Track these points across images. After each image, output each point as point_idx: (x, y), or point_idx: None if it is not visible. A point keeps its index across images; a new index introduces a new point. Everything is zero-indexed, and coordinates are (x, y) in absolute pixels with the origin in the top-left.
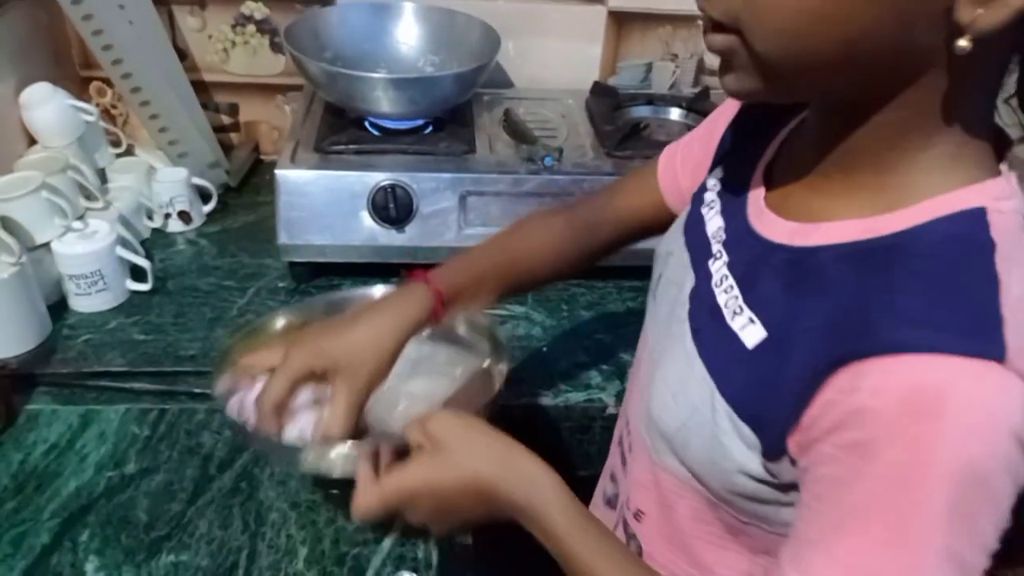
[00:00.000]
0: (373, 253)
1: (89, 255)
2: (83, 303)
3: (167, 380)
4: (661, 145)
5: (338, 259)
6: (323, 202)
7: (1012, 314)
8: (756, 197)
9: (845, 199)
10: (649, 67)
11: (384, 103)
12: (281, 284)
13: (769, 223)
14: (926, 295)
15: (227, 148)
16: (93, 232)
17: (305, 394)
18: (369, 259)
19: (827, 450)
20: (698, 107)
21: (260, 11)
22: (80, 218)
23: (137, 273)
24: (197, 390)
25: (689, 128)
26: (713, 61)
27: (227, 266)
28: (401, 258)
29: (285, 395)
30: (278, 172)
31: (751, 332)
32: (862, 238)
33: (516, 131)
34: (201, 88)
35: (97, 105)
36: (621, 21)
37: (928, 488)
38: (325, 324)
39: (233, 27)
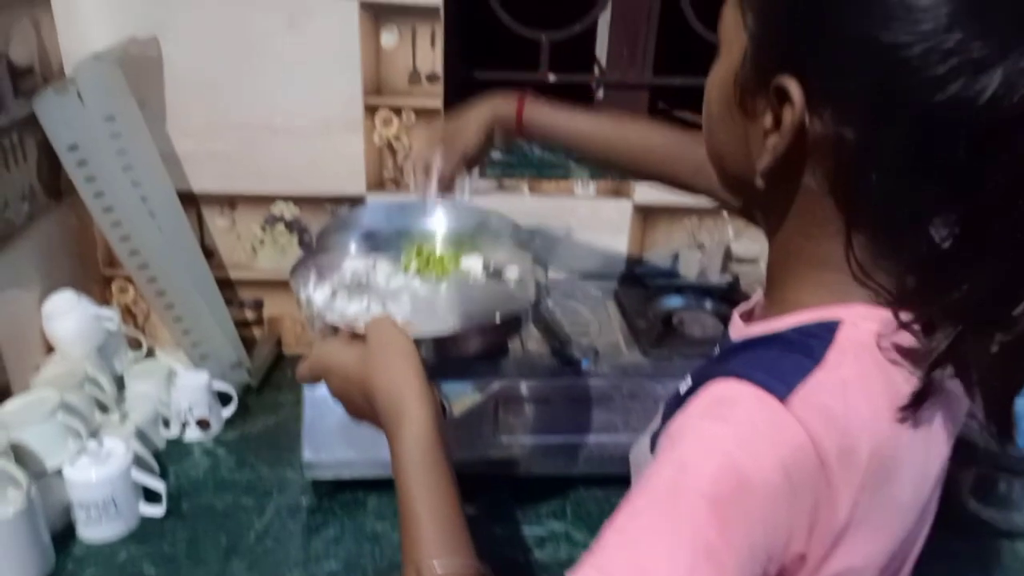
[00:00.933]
0: None
1: (102, 482)
2: (92, 532)
3: None
4: (698, 343)
5: (366, 474)
6: None
7: (818, 383)
8: (739, 309)
9: (769, 307)
10: (676, 256)
11: None
12: (303, 502)
13: (734, 326)
14: (765, 355)
15: (249, 343)
16: (107, 454)
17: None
18: None
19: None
20: (731, 297)
21: (290, 211)
22: (94, 434)
23: (151, 495)
24: None
25: (723, 319)
26: (740, 249)
27: (245, 480)
28: None
29: (424, 155)
30: (307, 396)
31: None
32: (761, 333)
33: (547, 328)
34: (226, 284)
35: (118, 303)
36: (647, 214)
37: (700, 476)
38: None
39: (262, 226)
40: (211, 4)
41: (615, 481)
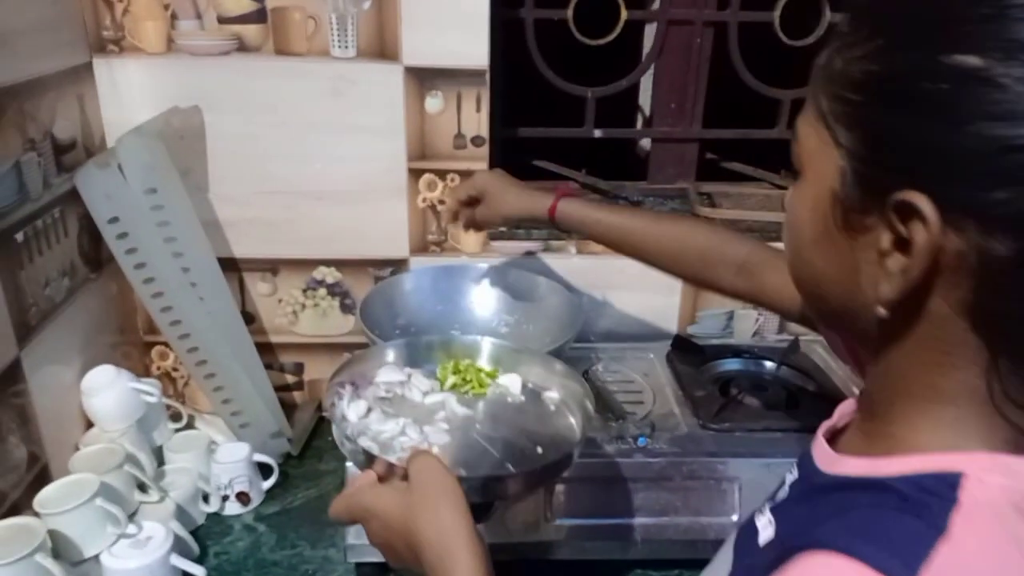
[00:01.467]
0: None
1: (141, 569)
2: None
3: None
4: (760, 415)
5: None
6: None
7: (944, 562)
8: (824, 427)
9: (868, 439)
10: (731, 315)
11: None
12: None
13: (820, 451)
14: (871, 515)
15: (290, 407)
16: (147, 538)
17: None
18: None
19: None
20: (791, 361)
21: (332, 275)
22: (133, 515)
23: None
24: None
25: (783, 385)
26: None
27: (286, 561)
28: None
29: (458, 203)
30: (350, 465)
31: (766, 532)
32: (862, 474)
33: (600, 400)
34: (267, 349)
35: (158, 368)
36: None
37: None
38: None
39: (304, 291)
40: (253, 72)
41: (674, 565)
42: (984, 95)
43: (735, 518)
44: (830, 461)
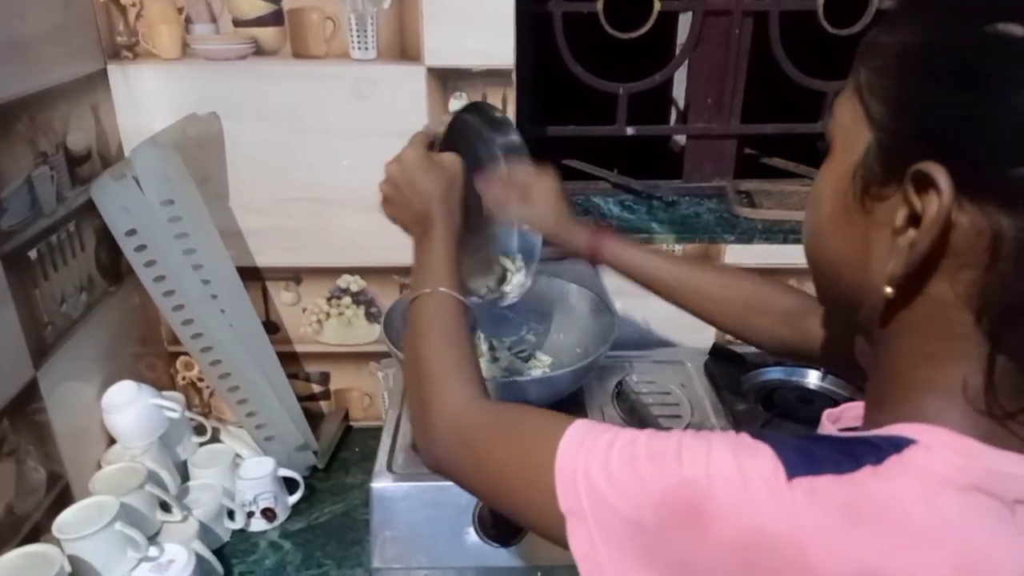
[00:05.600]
0: None
1: None
2: None
3: None
4: (809, 431)
5: None
6: (424, 519)
7: (841, 484)
8: (830, 411)
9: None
10: None
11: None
12: None
13: (823, 428)
14: (812, 444)
15: (316, 417)
16: (169, 562)
17: None
18: None
19: None
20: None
21: (357, 284)
22: (155, 536)
23: None
24: None
25: (830, 396)
26: None
27: None
28: None
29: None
30: (374, 487)
31: None
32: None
33: (634, 414)
34: (292, 359)
35: (184, 379)
36: None
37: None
38: None
39: (328, 299)
40: (271, 76)
41: None
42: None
43: None
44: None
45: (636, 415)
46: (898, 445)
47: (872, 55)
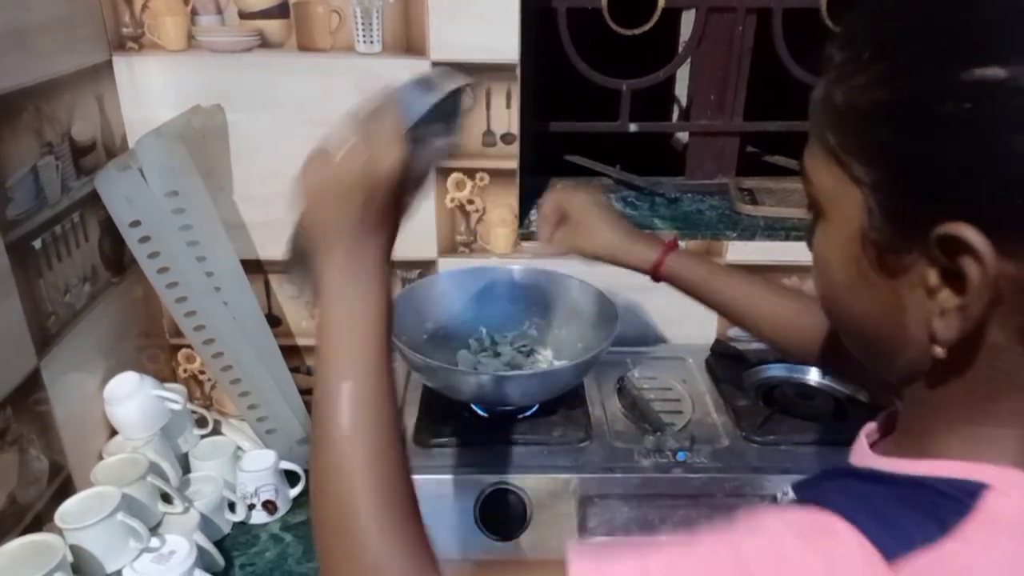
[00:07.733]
0: None
1: None
2: None
3: None
4: (808, 426)
5: None
6: (425, 513)
7: (940, 560)
8: (866, 429)
9: (900, 448)
10: None
11: (492, 395)
12: None
13: (862, 452)
14: (880, 498)
15: None
16: (170, 552)
17: None
18: None
19: None
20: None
21: None
22: (156, 528)
23: None
24: None
25: (831, 393)
26: None
27: (313, 573)
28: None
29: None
30: None
31: (784, 501)
32: (885, 469)
33: (636, 410)
34: (294, 352)
35: (185, 371)
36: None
37: None
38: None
39: None
40: (276, 69)
41: None
42: (1015, 107)
43: None
44: (861, 456)
45: (637, 410)
46: (972, 492)
47: (836, 117)
